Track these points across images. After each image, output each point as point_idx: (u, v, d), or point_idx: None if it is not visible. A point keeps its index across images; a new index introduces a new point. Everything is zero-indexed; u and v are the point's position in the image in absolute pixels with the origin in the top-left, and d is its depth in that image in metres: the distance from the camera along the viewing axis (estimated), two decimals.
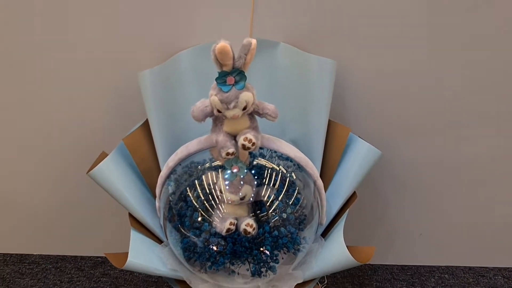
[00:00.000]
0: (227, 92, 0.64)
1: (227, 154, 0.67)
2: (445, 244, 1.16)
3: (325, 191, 0.82)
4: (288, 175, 0.78)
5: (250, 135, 0.67)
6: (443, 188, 1.06)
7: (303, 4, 0.82)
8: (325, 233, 0.85)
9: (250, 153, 0.76)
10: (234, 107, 0.64)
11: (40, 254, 1.13)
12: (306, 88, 0.84)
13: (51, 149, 0.99)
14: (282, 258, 0.78)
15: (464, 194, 1.07)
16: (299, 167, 0.79)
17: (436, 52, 0.87)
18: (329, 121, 0.85)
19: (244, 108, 0.65)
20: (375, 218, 1.12)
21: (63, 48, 0.87)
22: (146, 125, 0.84)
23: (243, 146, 0.67)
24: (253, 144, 0.67)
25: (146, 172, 0.84)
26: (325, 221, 0.83)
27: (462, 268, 1.19)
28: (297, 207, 0.77)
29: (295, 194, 0.77)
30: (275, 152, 0.79)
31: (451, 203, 1.09)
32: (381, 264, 1.18)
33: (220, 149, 0.68)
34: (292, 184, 0.77)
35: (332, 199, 0.85)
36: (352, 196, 0.85)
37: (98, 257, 1.13)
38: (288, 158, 0.78)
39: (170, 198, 0.78)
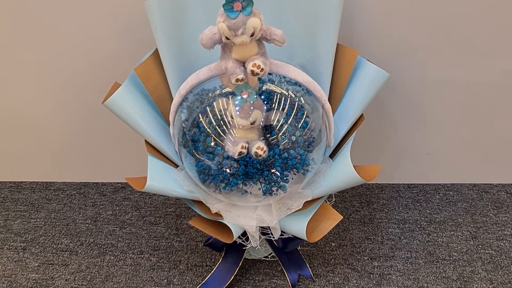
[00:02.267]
0: (234, 18, 0.64)
1: (237, 80, 0.69)
2: (450, 162, 1.20)
3: (333, 114, 0.85)
4: (297, 99, 0.79)
5: (258, 61, 0.68)
6: (449, 106, 1.08)
7: None
8: (333, 155, 0.88)
9: (259, 79, 0.77)
10: (242, 33, 0.65)
11: (64, 182, 1.19)
12: (313, 12, 0.83)
13: (66, 77, 1.01)
14: (292, 178, 0.82)
15: (469, 111, 1.09)
16: (307, 92, 0.81)
17: None
18: (338, 44, 0.85)
19: (252, 35, 0.66)
20: (382, 138, 1.15)
21: None
22: (156, 54, 0.85)
23: (252, 72, 0.68)
24: (262, 69, 0.68)
25: (159, 100, 0.87)
26: (333, 143, 0.86)
27: (467, 185, 1.23)
28: (306, 130, 0.79)
29: (303, 117, 0.79)
30: (284, 77, 0.80)
31: (457, 121, 1.11)
32: (388, 183, 1.23)
33: (229, 75, 0.70)
34: (300, 108, 0.79)
35: (340, 122, 0.87)
36: (360, 118, 0.87)
37: (118, 182, 1.20)
38: (296, 83, 0.80)
39: (184, 124, 0.81)
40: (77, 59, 0.98)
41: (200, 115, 0.79)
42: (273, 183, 0.78)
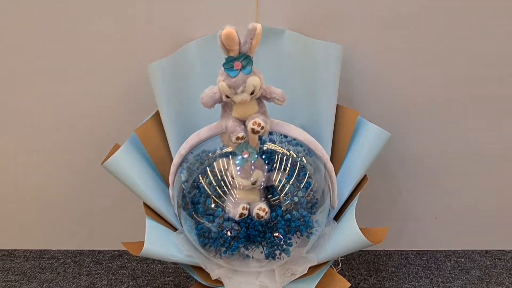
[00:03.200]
0: (234, 77, 0.65)
1: (237, 138, 0.68)
2: (460, 227, 1.15)
3: (336, 175, 0.83)
4: (299, 159, 0.78)
5: (259, 119, 0.68)
6: (455, 168, 1.06)
7: None
8: (337, 217, 0.86)
9: (259, 139, 0.77)
10: (242, 91, 0.66)
11: (59, 250, 1.15)
12: (313, 74, 0.84)
13: (64, 143, 1.01)
14: (296, 242, 0.78)
15: (476, 174, 1.07)
16: (309, 152, 0.80)
17: (443, 34, 0.88)
18: (337, 105, 0.85)
19: (252, 93, 0.66)
20: (387, 202, 1.11)
21: (73, 42, 0.89)
22: (157, 116, 0.86)
23: (253, 130, 0.68)
24: (262, 127, 0.68)
25: (158, 162, 0.86)
26: (337, 205, 0.83)
27: (478, 251, 1.18)
28: (309, 191, 0.77)
29: (306, 178, 0.77)
30: (285, 137, 0.80)
31: (464, 184, 1.08)
32: (396, 250, 1.18)
33: (230, 134, 0.69)
34: (302, 168, 0.78)
35: (343, 183, 0.85)
36: (363, 179, 0.85)
37: (115, 250, 1.15)
38: (298, 144, 0.80)
39: (183, 186, 0.79)
40: (75, 123, 0.99)
41: (200, 176, 0.78)
42: (276, 246, 0.75)
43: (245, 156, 0.73)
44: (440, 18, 0.86)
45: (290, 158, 0.77)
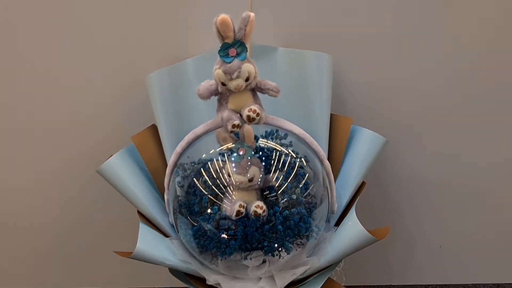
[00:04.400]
0: (229, 63, 0.67)
1: (233, 126, 0.69)
2: (468, 260, 1.11)
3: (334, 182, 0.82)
4: (298, 160, 0.78)
5: (254, 106, 0.69)
6: (456, 193, 1.05)
7: (299, 9, 0.89)
8: (337, 225, 0.83)
9: (255, 138, 0.77)
10: (237, 77, 0.68)
11: None
12: (306, 84, 0.87)
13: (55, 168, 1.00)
14: (296, 250, 0.75)
15: (477, 200, 1.05)
16: (306, 158, 0.79)
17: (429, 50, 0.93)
18: (331, 114, 0.87)
19: (247, 79, 0.68)
20: (390, 233, 1.08)
21: (72, 56, 0.92)
22: (154, 127, 0.87)
23: (248, 117, 0.69)
24: (258, 114, 0.69)
25: (154, 172, 0.85)
26: (336, 210, 0.81)
27: (490, 285, 1.12)
28: (308, 191, 0.76)
29: (304, 178, 0.76)
30: (285, 137, 0.80)
31: (467, 212, 1.06)
32: (402, 285, 1.12)
33: (226, 122, 0.70)
34: (301, 168, 0.77)
35: (341, 190, 0.84)
36: (361, 185, 0.84)
37: None
38: (294, 150, 0.80)
39: (178, 186, 0.78)
40: (69, 137, 0.98)
41: (195, 177, 0.77)
42: (274, 242, 0.71)
43: (241, 153, 0.73)
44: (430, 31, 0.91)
45: (289, 157, 0.77)
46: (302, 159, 0.78)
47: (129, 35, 0.90)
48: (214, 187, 0.74)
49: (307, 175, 0.77)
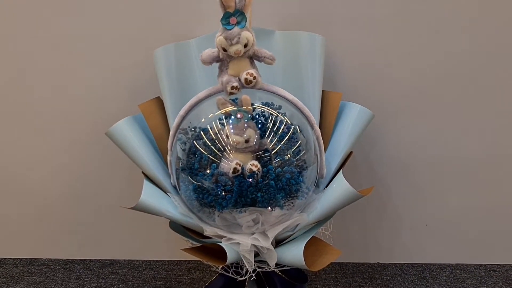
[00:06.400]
0: (230, 30, 0.75)
1: (232, 88, 0.76)
2: (453, 241, 1.17)
3: (324, 152, 0.89)
4: (293, 126, 0.84)
5: (251, 70, 0.76)
6: (444, 174, 1.11)
7: None
8: None
9: (252, 105, 0.84)
10: (237, 42, 0.75)
11: (50, 258, 1.13)
12: (300, 62, 0.94)
13: (62, 144, 1.07)
14: (288, 210, 0.81)
15: (460, 183, 1.12)
16: (299, 127, 0.86)
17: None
18: (322, 91, 0.94)
19: (245, 46, 0.76)
20: (378, 209, 1.14)
21: (77, 40, 1.00)
22: (159, 99, 0.94)
23: (246, 80, 0.76)
24: (255, 77, 0.76)
25: (158, 138, 0.91)
26: (325, 173, 0.87)
27: (473, 265, 1.17)
28: (299, 156, 0.82)
29: (297, 143, 0.83)
30: (278, 109, 0.86)
31: (456, 194, 1.12)
32: (390, 263, 1.17)
33: (225, 85, 0.77)
34: (293, 134, 0.84)
35: (331, 158, 0.90)
36: (349, 155, 0.91)
37: (106, 259, 1.13)
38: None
39: (180, 147, 0.84)
40: (69, 125, 1.06)
41: (195, 139, 0.83)
42: (268, 194, 0.78)
43: (239, 116, 0.80)
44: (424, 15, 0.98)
45: (283, 124, 0.84)
46: (296, 126, 0.85)
47: (141, 16, 0.99)
48: (213, 147, 0.81)
49: (299, 142, 0.84)
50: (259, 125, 0.82)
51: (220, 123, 0.83)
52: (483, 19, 0.98)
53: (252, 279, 0.84)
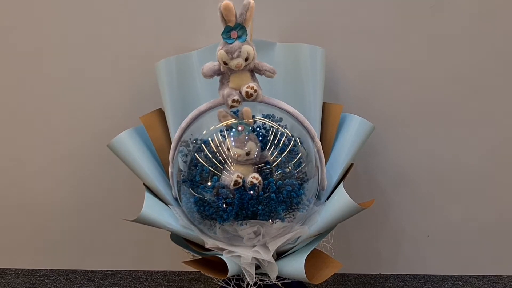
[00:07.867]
0: (231, 43, 0.76)
1: (233, 101, 0.77)
2: (455, 253, 1.17)
3: (325, 164, 0.89)
4: (293, 138, 0.85)
5: (252, 83, 0.77)
6: (448, 190, 1.11)
7: (298, 6, 0.99)
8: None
9: (253, 118, 0.85)
10: (238, 56, 0.76)
11: (51, 269, 1.13)
12: (301, 75, 0.94)
13: (63, 152, 1.08)
14: (288, 222, 0.82)
15: (467, 192, 1.11)
16: (300, 140, 0.86)
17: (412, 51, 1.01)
18: (323, 103, 0.95)
19: (246, 59, 0.76)
20: (378, 223, 1.14)
21: (83, 49, 1.02)
22: (160, 111, 0.94)
23: (247, 93, 0.76)
24: (255, 91, 0.76)
25: (160, 150, 0.92)
26: (326, 186, 0.88)
27: (475, 276, 1.17)
28: (300, 168, 0.83)
29: (298, 156, 0.83)
30: (279, 121, 0.87)
31: (457, 206, 1.12)
32: (391, 274, 1.17)
33: (226, 98, 0.77)
34: (294, 146, 0.84)
35: (332, 170, 0.90)
36: (350, 167, 0.91)
37: (108, 270, 1.14)
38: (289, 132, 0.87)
39: (182, 159, 0.85)
40: (72, 135, 1.07)
41: (197, 152, 0.84)
42: (268, 207, 0.78)
43: (240, 129, 0.81)
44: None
45: (284, 136, 0.84)
46: (297, 139, 0.86)
47: (143, 28, 1.01)
48: (214, 160, 0.82)
49: (300, 154, 0.84)
50: (260, 138, 0.83)
51: (221, 135, 0.83)
52: (484, 30, 0.99)
53: None
